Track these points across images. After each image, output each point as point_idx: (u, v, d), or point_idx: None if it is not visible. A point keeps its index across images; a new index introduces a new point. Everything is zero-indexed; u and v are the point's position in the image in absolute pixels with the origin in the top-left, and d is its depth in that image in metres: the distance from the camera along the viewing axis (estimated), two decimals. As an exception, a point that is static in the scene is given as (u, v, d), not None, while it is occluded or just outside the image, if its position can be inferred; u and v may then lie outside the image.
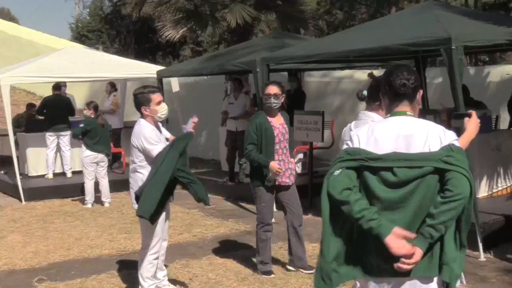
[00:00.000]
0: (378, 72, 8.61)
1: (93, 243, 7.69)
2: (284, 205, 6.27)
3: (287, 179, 6.17)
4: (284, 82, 11.77)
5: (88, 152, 9.95)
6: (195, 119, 5.39)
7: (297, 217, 6.25)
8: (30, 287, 6.03)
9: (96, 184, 10.19)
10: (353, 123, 4.20)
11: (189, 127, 5.34)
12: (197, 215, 9.32)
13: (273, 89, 6.07)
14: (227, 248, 7.29)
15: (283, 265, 6.47)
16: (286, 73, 12.66)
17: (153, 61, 26.93)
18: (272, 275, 6.12)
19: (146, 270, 5.34)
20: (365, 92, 4.32)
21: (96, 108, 10.24)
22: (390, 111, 3.08)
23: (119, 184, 10.86)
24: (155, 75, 11.87)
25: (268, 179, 6.02)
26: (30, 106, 13.68)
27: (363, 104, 4.42)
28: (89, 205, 10.11)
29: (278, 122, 6.16)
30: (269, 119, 6.10)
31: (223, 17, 14.77)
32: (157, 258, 5.41)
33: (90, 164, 10.02)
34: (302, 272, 6.19)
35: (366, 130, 3.04)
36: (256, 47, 10.57)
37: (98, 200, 10.21)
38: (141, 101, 5.30)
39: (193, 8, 15.40)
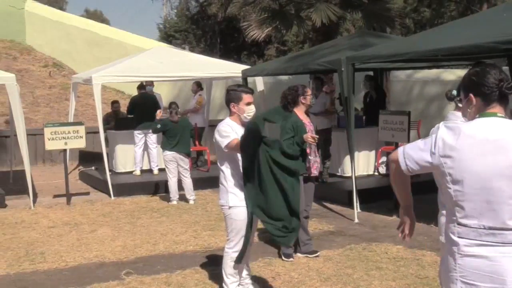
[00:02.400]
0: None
1: (178, 239, 7.85)
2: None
3: (315, 171, 6.82)
4: (361, 81, 11.70)
5: (167, 152, 10.17)
6: (310, 134, 5.56)
7: (308, 210, 6.87)
8: (118, 280, 6.20)
9: (180, 182, 10.40)
10: (441, 123, 4.09)
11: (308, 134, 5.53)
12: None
13: (309, 90, 6.90)
14: (301, 256, 7.24)
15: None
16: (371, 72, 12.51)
17: (238, 60, 27.18)
18: (291, 259, 6.69)
19: (228, 267, 5.39)
20: (454, 92, 4.21)
21: (172, 108, 10.44)
22: (480, 112, 2.95)
23: (203, 182, 11.05)
24: (240, 74, 11.98)
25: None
26: (113, 102, 14.11)
27: (451, 105, 4.30)
28: (175, 202, 10.32)
29: (307, 121, 6.79)
30: (300, 117, 6.70)
31: (308, 17, 14.71)
32: (240, 256, 5.46)
33: (170, 162, 10.22)
34: (309, 256, 6.78)
35: (452, 131, 2.92)
36: (341, 46, 10.49)
37: (183, 197, 10.41)
38: (231, 97, 5.35)
39: (278, 8, 15.42)
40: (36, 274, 6.53)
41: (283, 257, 6.74)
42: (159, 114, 10.64)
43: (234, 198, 5.22)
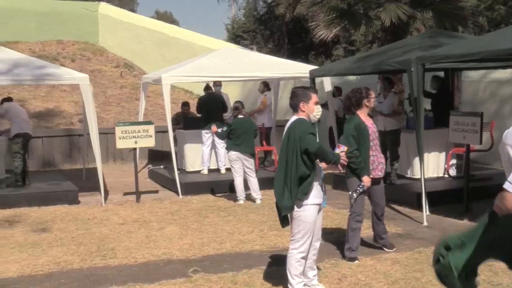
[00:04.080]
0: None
1: (245, 238, 7.90)
2: (371, 195, 7.06)
3: (379, 172, 6.90)
4: (428, 82, 11.46)
5: (231, 152, 10.24)
6: (344, 148, 5.47)
7: (381, 208, 7.13)
8: (185, 277, 6.29)
9: (247, 181, 10.45)
10: None
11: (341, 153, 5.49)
12: (347, 215, 9.22)
13: (373, 92, 6.94)
14: (377, 249, 7.16)
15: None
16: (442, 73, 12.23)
17: (306, 60, 27.12)
18: (356, 261, 6.69)
19: (294, 268, 5.39)
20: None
21: (235, 108, 10.51)
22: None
23: (270, 182, 10.99)
24: (307, 75, 11.94)
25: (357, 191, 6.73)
26: (184, 104, 14.32)
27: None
28: (241, 202, 10.38)
29: (369, 123, 6.86)
30: (363, 120, 6.77)
31: (377, 16, 14.53)
32: (305, 257, 5.43)
33: (235, 162, 10.29)
34: (385, 249, 7.06)
35: None
36: (410, 46, 10.29)
37: (249, 197, 10.46)
38: (301, 97, 5.41)
39: (346, 8, 15.30)
40: (107, 269, 6.70)
41: (347, 260, 6.73)
42: (214, 129, 10.76)
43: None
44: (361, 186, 6.67)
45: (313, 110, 5.43)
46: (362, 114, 6.81)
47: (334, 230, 8.22)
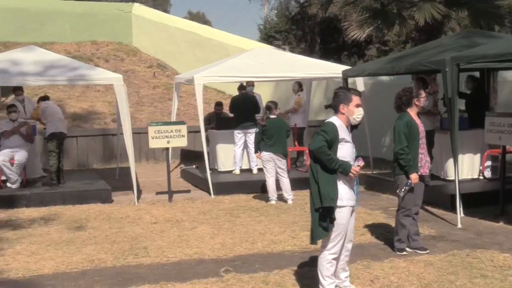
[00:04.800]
0: None
1: (276, 238, 7.89)
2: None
3: (426, 170, 7.05)
4: (462, 82, 11.30)
5: (264, 152, 10.24)
6: (362, 163, 5.33)
7: (417, 208, 7.17)
8: (217, 277, 6.30)
9: (278, 182, 10.43)
10: None
11: (354, 166, 5.27)
12: (380, 216, 9.19)
13: (424, 92, 7.11)
14: (410, 251, 7.09)
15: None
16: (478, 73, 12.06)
17: (338, 61, 26.99)
18: (405, 252, 6.98)
19: (325, 269, 5.36)
20: None
21: (267, 108, 10.50)
22: None
23: (302, 182, 10.99)
24: (340, 75, 11.88)
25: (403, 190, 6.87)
26: (217, 104, 14.37)
27: None
28: (273, 202, 10.37)
29: (419, 122, 7.02)
30: (414, 118, 6.95)
31: (410, 16, 14.39)
32: (336, 259, 5.40)
33: (268, 162, 10.28)
34: (417, 252, 7.01)
35: None
36: (445, 46, 10.16)
37: (281, 197, 10.45)
38: (341, 98, 5.35)
39: (379, 7, 15.18)
40: (139, 267, 6.76)
41: (396, 251, 7.02)
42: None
43: (339, 196, 5.20)
44: (408, 184, 6.79)
45: (353, 113, 5.33)
46: (412, 113, 6.98)
47: (366, 232, 8.16)
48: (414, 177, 6.78)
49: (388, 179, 10.68)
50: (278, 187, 10.44)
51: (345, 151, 5.27)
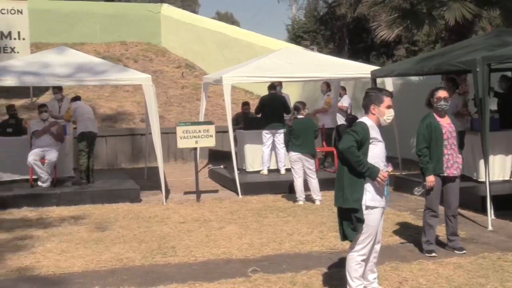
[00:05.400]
0: None
1: (304, 239, 7.86)
2: (444, 194, 7.10)
3: (454, 171, 6.98)
4: (494, 82, 11.14)
5: (292, 153, 10.22)
6: (390, 169, 5.26)
7: (452, 209, 7.15)
8: (244, 277, 6.31)
9: (307, 182, 10.41)
10: None
11: (383, 171, 5.19)
12: (408, 217, 9.11)
13: (443, 93, 6.96)
14: (439, 253, 7.01)
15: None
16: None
17: (367, 61, 26.81)
18: (433, 254, 6.91)
19: (353, 270, 5.32)
20: None
21: (295, 108, 10.47)
22: None
23: (330, 183, 10.89)
24: (369, 75, 11.80)
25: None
26: (244, 104, 14.38)
27: None
28: (301, 202, 10.35)
29: (445, 122, 6.98)
30: (438, 119, 6.96)
31: (440, 15, 14.26)
32: (365, 260, 5.36)
33: (296, 163, 10.27)
34: (455, 252, 7.02)
35: None
36: (475, 46, 10.01)
37: (309, 197, 10.42)
38: (372, 99, 5.30)
39: (409, 7, 15.06)
40: (167, 266, 6.79)
41: (424, 253, 6.97)
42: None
43: (370, 197, 5.16)
44: (423, 185, 6.90)
45: (384, 114, 5.27)
46: (436, 113, 6.99)
47: (394, 233, 8.10)
48: (429, 179, 6.86)
49: (417, 180, 10.53)
50: (306, 187, 10.42)
51: (377, 151, 5.22)
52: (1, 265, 6.87)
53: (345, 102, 14.43)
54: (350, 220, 5.22)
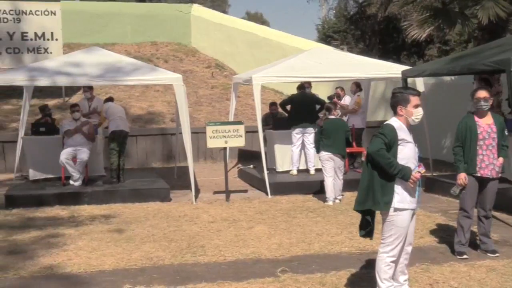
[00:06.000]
0: None
1: (334, 239, 7.83)
2: (479, 196, 7.04)
3: (488, 172, 6.90)
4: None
5: (323, 152, 10.20)
6: (422, 170, 5.18)
7: (485, 211, 7.11)
8: (273, 277, 6.30)
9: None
10: None
11: (415, 172, 5.12)
12: (439, 219, 9.01)
13: (482, 94, 6.90)
14: (471, 256, 6.92)
15: None
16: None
17: (397, 61, 26.57)
18: (465, 256, 6.86)
19: (383, 272, 5.27)
20: None
21: (327, 109, 10.44)
22: None
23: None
24: (399, 75, 11.71)
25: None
26: (272, 104, 14.34)
27: None
28: (330, 202, 10.31)
29: (485, 122, 6.92)
30: (477, 119, 6.93)
31: (473, 14, 14.06)
32: (395, 262, 5.30)
33: (327, 162, 10.25)
34: (486, 254, 6.96)
35: None
36: (509, 45, 9.87)
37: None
38: (399, 100, 5.23)
39: (441, 6, 14.89)
40: (197, 266, 6.82)
41: (455, 255, 6.94)
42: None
43: (398, 199, 5.11)
44: (457, 184, 6.94)
45: (411, 114, 5.18)
46: (477, 113, 7.00)
47: (425, 234, 8.02)
48: (459, 176, 6.90)
49: (448, 181, 10.45)
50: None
51: (407, 152, 5.15)
52: (33, 262, 6.98)
53: (346, 102, 14.22)
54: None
